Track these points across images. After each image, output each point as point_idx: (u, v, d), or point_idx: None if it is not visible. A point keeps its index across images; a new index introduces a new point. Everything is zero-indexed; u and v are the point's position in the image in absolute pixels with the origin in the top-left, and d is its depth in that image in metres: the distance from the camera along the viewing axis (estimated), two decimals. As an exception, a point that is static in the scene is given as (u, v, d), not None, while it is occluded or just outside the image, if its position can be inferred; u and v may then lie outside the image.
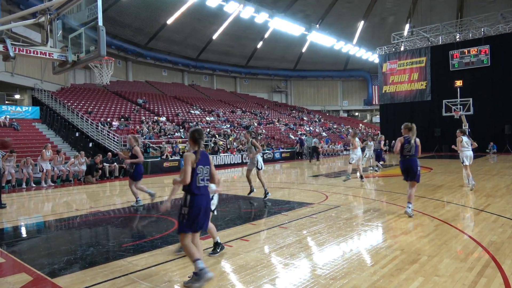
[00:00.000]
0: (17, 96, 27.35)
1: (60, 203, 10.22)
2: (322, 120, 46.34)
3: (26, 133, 20.95)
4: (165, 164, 17.54)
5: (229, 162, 22.36)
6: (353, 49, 42.82)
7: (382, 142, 15.14)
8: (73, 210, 8.72)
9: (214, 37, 42.12)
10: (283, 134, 33.30)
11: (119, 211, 8.57)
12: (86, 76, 35.47)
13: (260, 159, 9.28)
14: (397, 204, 8.00)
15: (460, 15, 38.36)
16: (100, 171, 15.22)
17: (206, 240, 5.07)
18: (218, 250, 4.75)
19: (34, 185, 13.72)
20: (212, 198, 4.22)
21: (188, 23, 38.02)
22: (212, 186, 4.22)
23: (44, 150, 14.31)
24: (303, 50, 48.45)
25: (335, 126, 44.15)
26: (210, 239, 4.92)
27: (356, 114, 58.26)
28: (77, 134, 21.69)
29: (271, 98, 53.57)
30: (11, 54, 4.85)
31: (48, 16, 5.37)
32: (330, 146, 30.71)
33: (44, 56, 5.43)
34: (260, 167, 9.18)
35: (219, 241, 4.81)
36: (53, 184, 14.22)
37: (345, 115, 56.32)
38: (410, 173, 6.78)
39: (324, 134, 37.92)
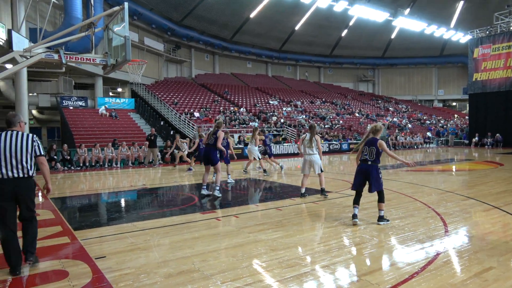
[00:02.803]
0: (119, 89, 31.56)
1: (123, 180, 12.06)
2: (410, 111, 43.49)
3: (122, 122, 24.27)
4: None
5: (292, 152, 22.93)
6: (448, 33, 39.12)
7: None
8: (127, 185, 10.37)
9: (297, 27, 42.39)
10: (361, 125, 32.38)
11: (154, 189, 9.92)
12: (177, 70, 38.95)
13: (256, 150, 12.71)
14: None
15: None
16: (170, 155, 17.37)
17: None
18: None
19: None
20: None
21: (270, 15, 38.96)
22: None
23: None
24: (392, 36, 45.78)
25: (425, 117, 41.14)
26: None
27: (454, 104, 53.13)
28: (162, 123, 24.36)
29: (356, 87, 51.94)
30: (63, 61, 6.24)
31: (94, 29, 6.64)
32: (408, 138, 29.02)
33: (89, 61, 6.73)
34: (257, 157, 12.81)
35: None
36: (131, 165, 16.60)
37: (440, 105, 51.75)
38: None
39: (409, 125, 35.78)
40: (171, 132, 22.87)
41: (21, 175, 3.97)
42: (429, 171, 13.69)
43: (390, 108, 42.71)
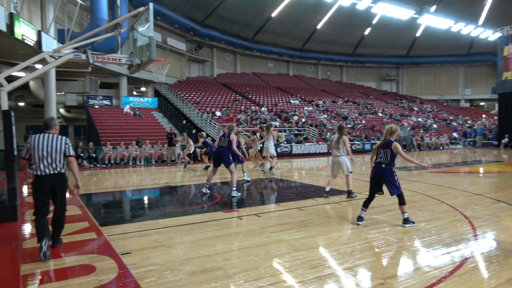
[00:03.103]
0: (143, 89, 32.14)
1: (146, 178, 12.26)
2: (436, 110, 42.40)
3: (146, 120, 24.71)
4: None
5: (314, 152, 22.76)
6: (476, 30, 37.93)
7: None
8: (150, 183, 10.53)
9: (319, 26, 42.01)
10: (384, 125, 31.75)
11: (178, 187, 10.03)
12: (199, 70, 39.33)
13: (272, 148, 12.63)
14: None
15: None
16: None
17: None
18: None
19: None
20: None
21: (292, 14, 38.77)
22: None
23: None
24: (417, 34, 44.71)
25: (451, 117, 40.02)
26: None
27: (482, 103, 51.42)
28: (184, 122, 24.65)
29: (380, 87, 51.04)
30: (91, 61, 6.41)
31: (120, 29, 6.78)
32: (433, 139, 28.30)
33: (115, 61, 6.89)
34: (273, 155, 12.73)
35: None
36: (154, 163, 16.86)
37: (467, 104, 50.18)
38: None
39: (435, 126, 34.88)
40: (193, 131, 23.11)
41: (55, 171, 4.50)
42: (456, 172, 13.31)
43: (414, 108, 41.76)
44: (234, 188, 8.33)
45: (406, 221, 5.60)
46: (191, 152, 16.03)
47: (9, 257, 4.58)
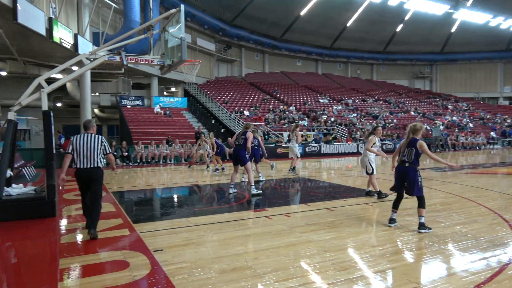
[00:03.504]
0: (173, 89, 32.77)
1: (176, 176, 12.48)
2: (472, 109, 40.69)
3: (176, 120, 25.18)
4: (279, 150, 18.83)
5: (343, 151, 22.43)
6: (516, 24, 36.10)
7: None
8: (180, 181, 10.72)
9: (348, 24, 41.32)
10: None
11: (204, 185, 10.14)
12: (228, 70, 39.65)
13: (296, 148, 12.29)
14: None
15: None
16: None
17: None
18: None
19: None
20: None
21: (321, 12, 38.33)
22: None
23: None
24: (453, 30, 43.08)
25: (488, 116, 38.29)
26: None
27: (522, 101, 48.88)
28: (213, 121, 24.93)
29: (412, 85, 49.57)
30: (125, 62, 6.61)
31: (152, 31, 6.95)
32: (469, 139, 27.17)
33: (148, 62, 7.06)
34: (297, 155, 12.33)
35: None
36: (184, 162, 17.14)
37: (506, 102, 47.81)
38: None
39: (471, 125, 33.50)
40: (222, 130, 23.33)
41: (92, 166, 5.21)
42: (493, 174, 12.73)
43: (449, 106, 40.26)
44: (253, 187, 8.36)
45: (422, 226, 5.32)
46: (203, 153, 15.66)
47: (48, 252, 4.80)
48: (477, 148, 27.17)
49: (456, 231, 5.32)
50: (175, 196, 9.00)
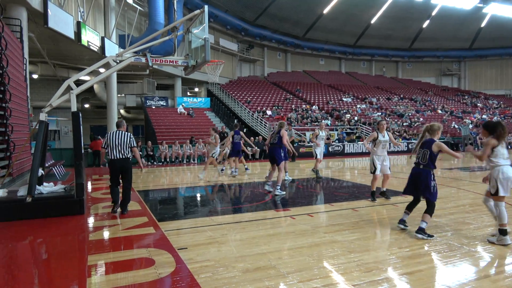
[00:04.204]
0: (196, 89, 33.17)
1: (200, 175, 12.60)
2: (503, 107, 39.16)
3: (199, 120, 25.47)
4: (301, 150, 18.68)
5: (367, 151, 22.00)
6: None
7: None
8: (203, 180, 10.81)
9: (373, 21, 40.60)
10: (444, 123, 29.98)
11: (225, 184, 10.18)
12: (250, 70, 39.75)
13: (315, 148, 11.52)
14: None
15: None
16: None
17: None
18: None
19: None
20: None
21: (344, 10, 37.86)
22: None
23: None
24: (482, 25, 41.64)
25: (520, 114, 36.75)
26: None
27: (558, 98, 46.65)
28: (235, 121, 25.02)
29: (439, 82, 48.22)
30: (150, 64, 6.74)
31: (176, 32, 7.05)
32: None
33: (172, 63, 7.17)
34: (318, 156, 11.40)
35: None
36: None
37: (540, 100, 45.80)
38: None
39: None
40: (244, 130, 23.40)
41: (123, 157, 6.42)
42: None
43: (478, 104, 38.92)
44: (278, 187, 8.37)
45: (421, 230, 4.93)
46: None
47: (77, 248, 4.94)
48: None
49: (486, 233, 5.13)
50: (198, 195, 9.10)
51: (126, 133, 6.49)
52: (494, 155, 4.70)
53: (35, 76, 21.34)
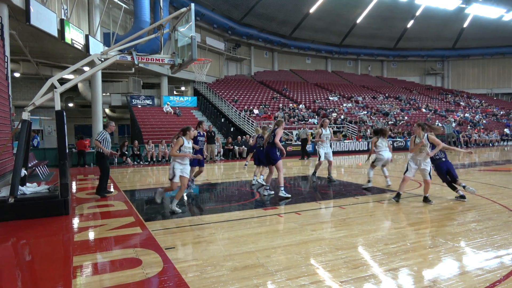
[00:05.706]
0: (182, 88, 32.95)
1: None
2: (485, 105, 40.05)
3: (185, 118, 25.31)
4: (289, 148, 18.77)
5: (353, 149, 22.28)
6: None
7: None
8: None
9: (358, 21, 41.00)
10: (428, 121, 30.46)
11: (221, 183, 10.15)
12: (237, 68, 39.68)
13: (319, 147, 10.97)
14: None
15: None
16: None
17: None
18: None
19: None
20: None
21: (330, 9, 38.12)
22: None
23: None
24: (465, 25, 42.49)
25: (502, 112, 37.66)
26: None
27: (537, 97, 47.95)
28: (222, 120, 24.98)
29: (423, 81, 49.01)
30: (136, 62, 6.66)
31: (162, 31, 6.99)
32: (482, 135, 26.76)
33: (158, 61, 7.10)
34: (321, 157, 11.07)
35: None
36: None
37: (520, 98, 47.01)
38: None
39: (484, 121, 32.98)
40: (231, 129, 23.37)
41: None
42: (507, 171, 12.51)
43: (461, 103, 39.72)
44: (282, 188, 7.72)
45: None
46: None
47: (62, 249, 4.86)
48: (490, 145, 26.74)
49: (470, 228, 5.25)
50: (185, 194, 9.04)
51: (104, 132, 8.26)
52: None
53: (17, 75, 20.87)
